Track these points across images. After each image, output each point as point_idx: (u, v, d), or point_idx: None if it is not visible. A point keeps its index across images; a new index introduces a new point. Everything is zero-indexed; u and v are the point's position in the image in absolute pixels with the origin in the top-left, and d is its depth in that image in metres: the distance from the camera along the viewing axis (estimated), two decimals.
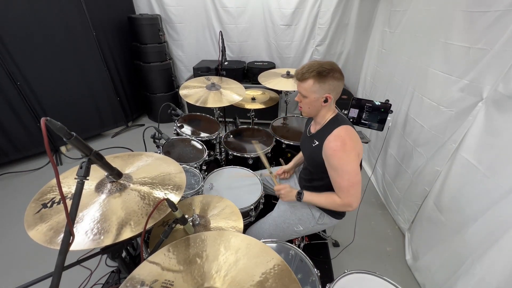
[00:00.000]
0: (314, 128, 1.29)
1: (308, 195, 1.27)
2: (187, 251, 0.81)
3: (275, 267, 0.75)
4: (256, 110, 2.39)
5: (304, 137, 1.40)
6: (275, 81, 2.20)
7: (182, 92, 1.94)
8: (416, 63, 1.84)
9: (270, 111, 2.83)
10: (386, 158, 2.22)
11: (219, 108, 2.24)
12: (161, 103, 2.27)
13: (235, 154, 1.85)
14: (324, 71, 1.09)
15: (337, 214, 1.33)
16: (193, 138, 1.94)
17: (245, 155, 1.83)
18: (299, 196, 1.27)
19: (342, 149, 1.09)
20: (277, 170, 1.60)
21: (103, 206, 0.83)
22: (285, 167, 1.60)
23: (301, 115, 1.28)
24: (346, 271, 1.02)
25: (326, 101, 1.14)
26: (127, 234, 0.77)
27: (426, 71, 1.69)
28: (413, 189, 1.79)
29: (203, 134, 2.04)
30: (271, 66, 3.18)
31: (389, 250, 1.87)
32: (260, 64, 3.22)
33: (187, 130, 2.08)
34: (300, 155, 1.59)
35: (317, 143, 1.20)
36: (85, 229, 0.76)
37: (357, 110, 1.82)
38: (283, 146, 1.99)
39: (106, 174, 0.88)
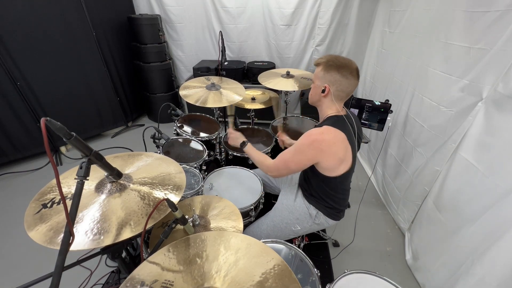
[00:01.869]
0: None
1: (250, 147, 1.41)
2: (187, 251, 0.81)
3: (275, 267, 0.75)
4: (256, 110, 2.39)
5: None
6: (275, 81, 2.20)
7: (182, 92, 1.93)
8: (416, 63, 1.84)
9: (270, 111, 2.82)
10: (386, 158, 2.22)
11: (219, 108, 2.24)
12: (161, 103, 2.27)
13: (235, 154, 1.85)
14: (331, 62, 1.12)
15: (333, 215, 1.32)
16: (193, 138, 1.94)
17: (245, 155, 1.83)
18: (244, 144, 1.42)
19: (310, 140, 1.11)
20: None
21: (103, 206, 0.82)
22: (285, 137, 1.73)
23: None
24: (346, 271, 1.02)
25: (323, 91, 1.14)
26: (127, 234, 0.76)
27: (426, 71, 1.69)
28: (413, 189, 1.79)
29: (203, 134, 2.04)
30: (271, 66, 3.17)
31: (389, 250, 1.87)
32: (260, 64, 3.22)
33: (187, 130, 2.08)
34: None
35: None
36: (85, 229, 0.76)
37: (357, 110, 1.83)
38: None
39: (106, 174, 0.88)
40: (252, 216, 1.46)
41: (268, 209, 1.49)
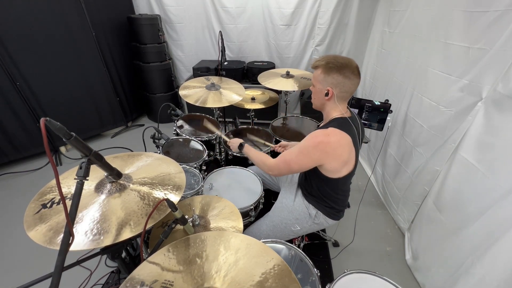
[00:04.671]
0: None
1: (247, 147, 1.44)
2: (187, 251, 0.81)
3: (275, 267, 0.75)
4: (255, 110, 2.39)
5: None
6: (274, 81, 2.20)
7: (181, 92, 1.93)
8: (415, 63, 1.84)
9: (270, 111, 2.83)
10: (385, 158, 2.22)
11: (218, 108, 2.24)
12: (161, 103, 2.27)
13: (235, 154, 1.85)
14: (331, 63, 1.08)
15: (332, 215, 1.32)
16: (193, 138, 1.94)
17: (245, 155, 1.83)
18: (241, 146, 1.46)
19: (316, 142, 1.09)
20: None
21: (103, 207, 0.82)
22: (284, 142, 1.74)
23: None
24: (346, 271, 1.02)
25: (327, 94, 1.12)
26: (127, 234, 0.76)
27: (425, 71, 1.69)
28: (413, 189, 1.79)
29: (203, 134, 2.04)
30: (270, 66, 3.17)
31: (389, 250, 1.87)
32: (259, 64, 3.22)
33: (187, 130, 2.07)
34: None
35: None
36: (85, 230, 0.76)
37: (357, 110, 1.83)
38: None
39: (105, 174, 0.88)
40: (252, 216, 1.46)
41: (268, 209, 1.49)
